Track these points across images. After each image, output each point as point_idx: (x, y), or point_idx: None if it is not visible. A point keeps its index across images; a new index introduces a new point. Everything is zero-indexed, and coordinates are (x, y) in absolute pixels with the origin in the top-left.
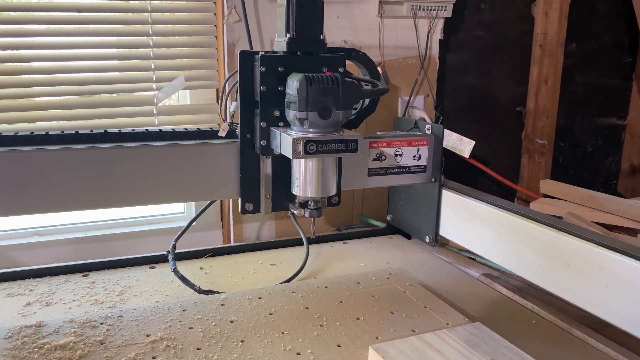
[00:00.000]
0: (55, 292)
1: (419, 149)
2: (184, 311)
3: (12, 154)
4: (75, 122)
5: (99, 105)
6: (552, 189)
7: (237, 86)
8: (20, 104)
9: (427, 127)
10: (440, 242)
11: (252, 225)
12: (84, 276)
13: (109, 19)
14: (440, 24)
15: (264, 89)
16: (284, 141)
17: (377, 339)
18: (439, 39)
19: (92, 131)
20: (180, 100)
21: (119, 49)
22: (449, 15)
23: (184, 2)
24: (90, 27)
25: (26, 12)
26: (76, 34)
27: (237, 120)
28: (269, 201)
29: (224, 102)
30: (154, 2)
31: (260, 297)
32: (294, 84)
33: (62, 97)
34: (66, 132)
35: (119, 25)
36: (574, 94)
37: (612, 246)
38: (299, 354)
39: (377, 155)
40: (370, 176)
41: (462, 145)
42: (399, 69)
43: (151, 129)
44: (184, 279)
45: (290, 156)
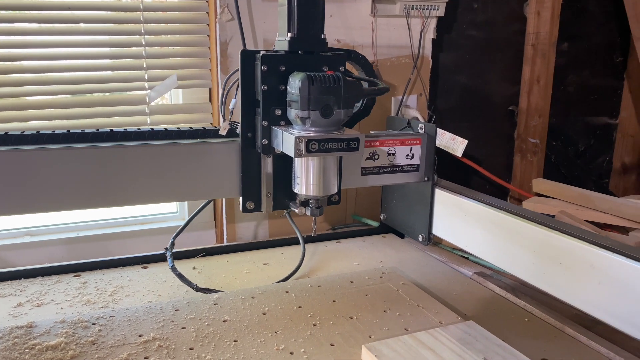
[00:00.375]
0: (46, 293)
1: (412, 148)
2: (176, 311)
3: (2, 154)
4: (66, 121)
5: (91, 104)
6: (544, 188)
7: (237, 85)
8: (10, 103)
9: (420, 126)
10: (433, 241)
11: (245, 224)
12: (75, 276)
13: (101, 18)
14: (433, 23)
15: (266, 88)
16: (286, 140)
17: (370, 337)
18: (432, 38)
19: (84, 130)
20: (172, 99)
21: (110, 48)
22: (442, 14)
23: (177, 0)
24: (81, 25)
25: (17, 11)
26: (68, 32)
27: (235, 118)
28: (269, 200)
29: (224, 101)
30: (146, 0)
31: (253, 297)
32: (296, 83)
33: (54, 97)
34: (57, 131)
35: (110, 24)
36: (566, 93)
37: (604, 244)
38: (292, 354)
39: (370, 154)
40: (363, 175)
41: (455, 144)
42: (392, 68)
43: (143, 128)
44: (181, 277)
45: (292, 155)
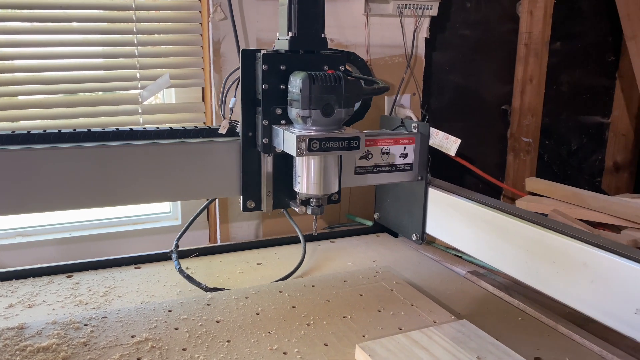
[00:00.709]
0: (38, 294)
1: (405, 148)
2: (169, 311)
3: None
4: (59, 121)
5: (83, 104)
6: (537, 187)
7: (237, 84)
8: (2, 103)
9: (414, 125)
10: (426, 240)
11: (238, 224)
12: (67, 277)
13: (93, 17)
14: (426, 23)
15: (266, 87)
16: (287, 139)
17: (364, 337)
18: (425, 38)
19: (75, 130)
20: (165, 98)
21: (103, 47)
22: (435, 13)
23: None
24: (74, 24)
25: (8, 9)
26: (59, 31)
27: (234, 117)
28: (270, 199)
29: (224, 100)
30: None
31: (246, 297)
32: (297, 82)
33: (46, 96)
34: (49, 130)
35: (103, 23)
36: (558, 92)
37: (596, 243)
38: (285, 354)
39: (364, 153)
40: (357, 175)
41: (448, 143)
42: (385, 68)
43: (135, 127)
44: (189, 278)
45: (293, 154)
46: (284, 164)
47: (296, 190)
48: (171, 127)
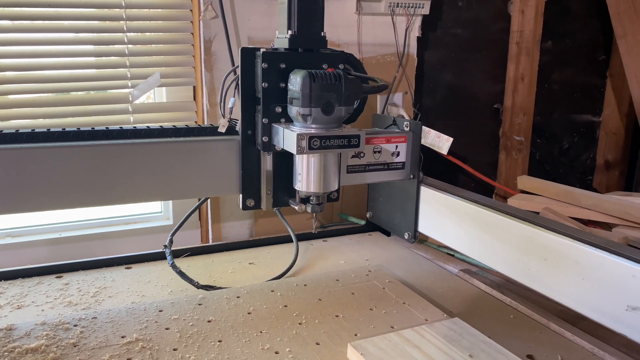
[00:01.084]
0: (27, 295)
1: (397, 146)
2: (160, 312)
3: None
4: (49, 120)
5: (73, 103)
6: (529, 185)
7: (237, 82)
8: None
9: (406, 124)
10: (419, 239)
11: (230, 224)
12: (57, 277)
13: (83, 15)
14: (418, 22)
15: (266, 85)
16: (288, 137)
17: (356, 336)
18: (417, 37)
19: (64, 129)
20: (156, 97)
21: (93, 46)
22: (427, 12)
23: None
24: (64, 23)
25: None
26: (49, 30)
27: (234, 115)
28: (269, 197)
29: (223, 99)
30: None
31: (238, 297)
32: (297, 81)
33: (35, 95)
34: (37, 130)
35: (93, 21)
36: (550, 91)
37: (588, 240)
38: (277, 353)
39: (356, 152)
40: (348, 173)
41: (440, 142)
42: (377, 66)
43: (125, 126)
44: (182, 274)
45: (294, 152)
46: (284, 162)
47: (296, 188)
48: (161, 126)
